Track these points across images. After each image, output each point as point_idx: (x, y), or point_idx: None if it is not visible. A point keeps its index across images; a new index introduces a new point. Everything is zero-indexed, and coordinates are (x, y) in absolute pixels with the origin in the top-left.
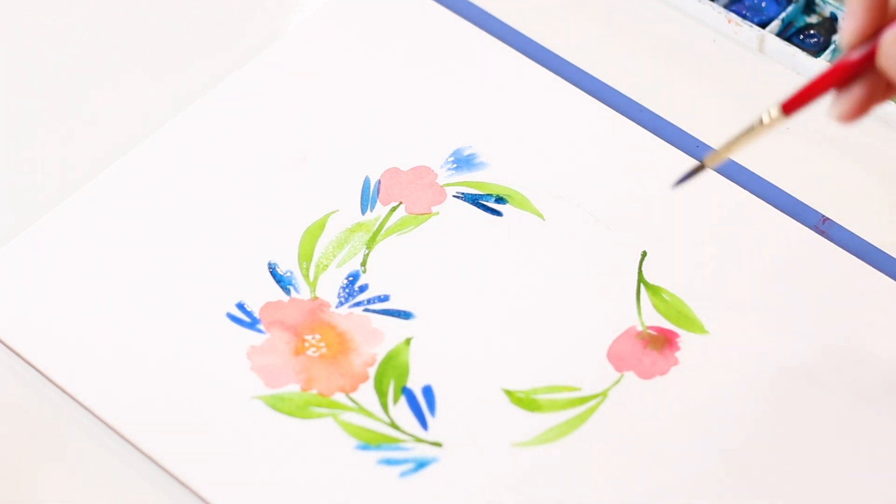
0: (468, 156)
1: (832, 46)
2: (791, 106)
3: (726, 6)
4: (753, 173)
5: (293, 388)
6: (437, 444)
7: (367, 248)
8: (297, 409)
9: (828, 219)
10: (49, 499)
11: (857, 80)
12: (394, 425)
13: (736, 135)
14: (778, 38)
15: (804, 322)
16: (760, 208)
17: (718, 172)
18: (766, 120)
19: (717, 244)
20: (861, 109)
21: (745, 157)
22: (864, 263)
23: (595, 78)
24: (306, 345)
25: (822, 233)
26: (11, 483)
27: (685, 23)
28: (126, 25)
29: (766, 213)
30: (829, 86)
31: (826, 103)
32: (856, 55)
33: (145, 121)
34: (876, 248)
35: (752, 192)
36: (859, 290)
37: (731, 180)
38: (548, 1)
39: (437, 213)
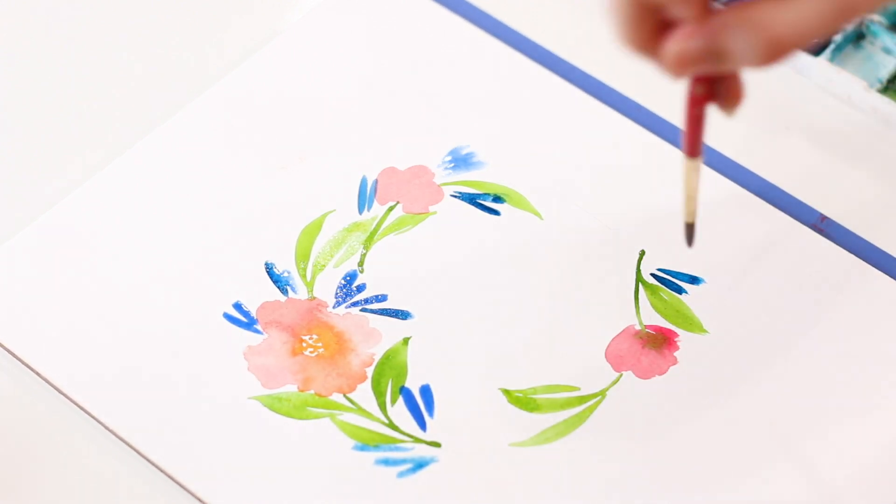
0: (465, 155)
1: (832, 45)
2: (691, 151)
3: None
4: (752, 172)
5: (290, 388)
6: (436, 445)
7: (364, 248)
8: (294, 409)
9: (826, 217)
10: (45, 499)
11: (717, 88)
12: (392, 425)
13: (685, 193)
14: None
15: (803, 321)
16: (759, 207)
17: (717, 170)
18: (686, 169)
19: (715, 243)
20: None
21: (743, 155)
22: (862, 262)
23: (593, 77)
24: (304, 345)
25: (820, 231)
26: (7, 483)
27: None
28: (122, 26)
29: (765, 212)
30: (700, 117)
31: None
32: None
33: (141, 120)
34: (875, 246)
35: (750, 190)
36: (858, 289)
37: (729, 178)
38: None
39: (435, 213)
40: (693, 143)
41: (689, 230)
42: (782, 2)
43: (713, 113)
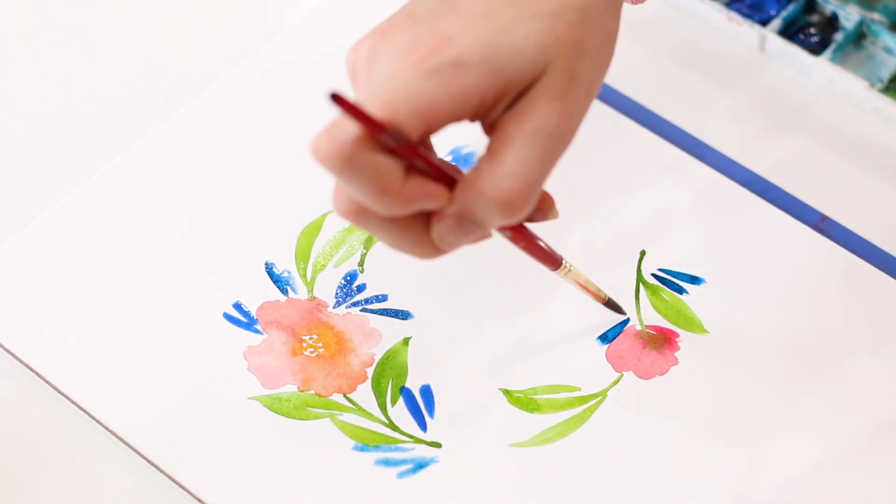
0: (466, 154)
1: (833, 45)
2: (551, 266)
3: (727, 4)
4: (753, 172)
5: (290, 388)
6: (436, 445)
7: (364, 248)
8: (294, 409)
9: (827, 217)
10: (45, 499)
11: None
12: (392, 426)
13: (579, 288)
14: (779, 37)
15: (804, 321)
16: (760, 207)
17: (718, 171)
18: (563, 276)
19: (716, 243)
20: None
21: (743, 155)
22: (863, 261)
23: None
24: (304, 345)
25: (821, 231)
26: (7, 484)
27: (685, 21)
28: (123, 25)
29: (765, 212)
30: (530, 244)
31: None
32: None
33: (141, 120)
34: (875, 246)
35: (751, 190)
36: (858, 289)
37: (731, 179)
38: None
39: None
40: (547, 260)
41: (610, 304)
42: (495, 158)
43: (713, 115)
